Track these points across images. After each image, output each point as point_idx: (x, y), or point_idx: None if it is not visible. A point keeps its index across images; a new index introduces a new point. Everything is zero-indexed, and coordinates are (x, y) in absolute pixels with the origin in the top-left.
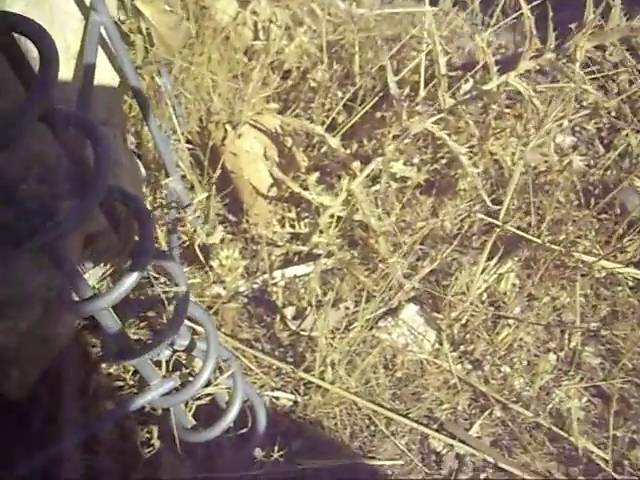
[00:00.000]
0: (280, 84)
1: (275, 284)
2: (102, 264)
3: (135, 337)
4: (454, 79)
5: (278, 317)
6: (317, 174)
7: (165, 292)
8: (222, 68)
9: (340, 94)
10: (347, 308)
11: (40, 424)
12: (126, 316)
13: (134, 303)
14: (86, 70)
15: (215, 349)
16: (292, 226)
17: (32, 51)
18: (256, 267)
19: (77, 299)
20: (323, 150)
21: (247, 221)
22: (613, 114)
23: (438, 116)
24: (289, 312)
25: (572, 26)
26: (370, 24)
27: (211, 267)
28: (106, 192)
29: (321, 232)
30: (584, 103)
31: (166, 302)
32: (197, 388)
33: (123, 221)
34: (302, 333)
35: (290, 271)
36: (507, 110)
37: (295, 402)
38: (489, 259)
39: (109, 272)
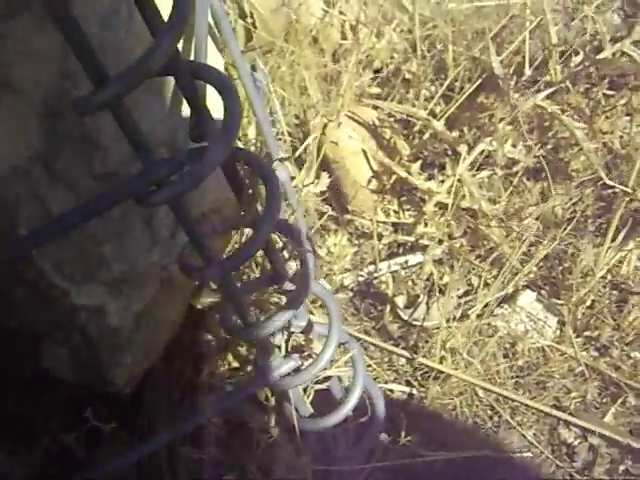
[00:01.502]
0: (373, 79)
1: (382, 275)
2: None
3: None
4: (562, 55)
5: (388, 308)
6: (419, 162)
7: (289, 257)
8: (311, 72)
9: (434, 88)
10: (459, 297)
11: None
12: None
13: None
14: (198, 50)
15: (338, 327)
16: (397, 217)
17: None
18: (360, 259)
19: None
20: (425, 137)
21: (351, 211)
22: None
23: (550, 89)
24: (400, 301)
25: None
26: (460, 18)
27: (318, 255)
28: (232, 149)
29: (426, 224)
30: None
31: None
32: (319, 368)
33: (246, 185)
34: (414, 323)
35: (397, 262)
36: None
37: (410, 395)
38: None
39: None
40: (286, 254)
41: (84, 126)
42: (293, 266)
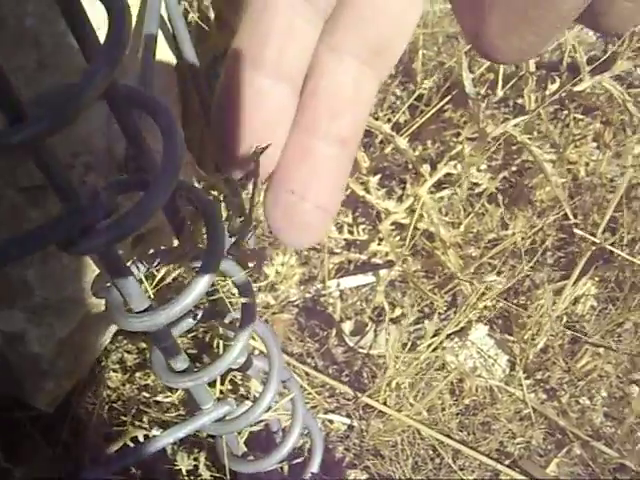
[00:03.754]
0: None
1: (330, 294)
2: (155, 269)
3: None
4: (538, 79)
5: (334, 331)
6: (378, 177)
7: (229, 299)
8: None
9: (399, 92)
10: (410, 325)
11: (67, 437)
12: (180, 327)
13: (189, 313)
14: (146, 48)
15: (279, 371)
16: (350, 232)
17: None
18: (309, 275)
19: (131, 311)
20: (385, 151)
21: None
22: None
23: (523, 118)
24: (347, 327)
25: None
26: (433, 19)
27: (265, 274)
28: (176, 181)
29: (380, 240)
30: None
31: (230, 311)
32: (257, 415)
33: (188, 222)
34: (360, 350)
35: (347, 281)
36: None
37: (351, 427)
38: (565, 278)
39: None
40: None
41: None
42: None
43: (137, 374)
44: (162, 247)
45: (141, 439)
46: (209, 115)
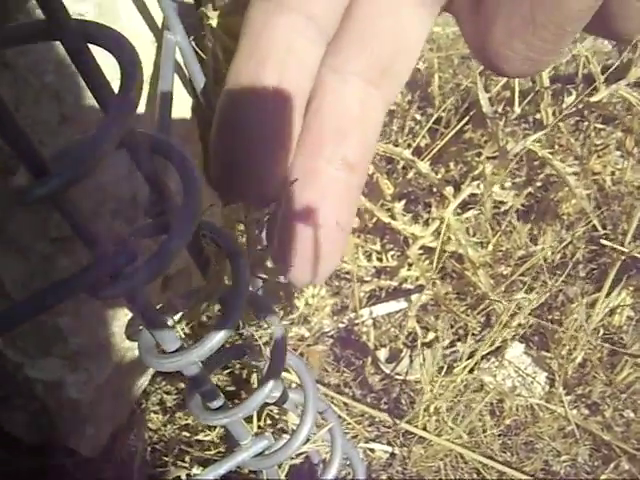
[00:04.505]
0: None
1: (363, 323)
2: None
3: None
4: (553, 92)
5: (369, 359)
6: (403, 202)
7: (260, 336)
8: None
9: (419, 117)
10: (444, 348)
11: None
12: (213, 366)
13: (224, 351)
14: (163, 95)
15: (314, 403)
16: (379, 259)
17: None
18: (341, 305)
19: (162, 352)
20: (408, 176)
21: None
22: None
23: (541, 133)
24: (382, 354)
25: None
26: (446, 43)
27: (296, 307)
28: (196, 227)
29: (410, 265)
30: None
31: (262, 348)
32: (295, 448)
33: (213, 261)
34: (396, 377)
35: (379, 309)
36: (603, 126)
37: (392, 454)
38: (599, 290)
39: (193, 319)
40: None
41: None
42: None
43: (177, 414)
44: (192, 287)
45: (184, 478)
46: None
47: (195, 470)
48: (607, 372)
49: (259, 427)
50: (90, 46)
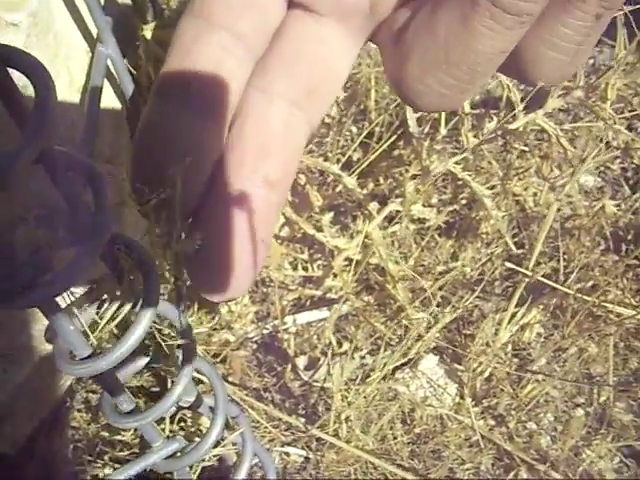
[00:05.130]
0: None
1: (286, 330)
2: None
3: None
4: (476, 117)
5: (289, 366)
6: (331, 214)
7: (168, 344)
8: None
9: (355, 129)
10: (362, 357)
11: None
12: (126, 371)
13: (136, 356)
14: (90, 104)
15: (223, 408)
16: (305, 269)
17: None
18: (266, 311)
19: (74, 359)
20: (338, 189)
21: None
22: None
23: (460, 156)
24: (301, 362)
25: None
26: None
27: (219, 313)
28: (106, 241)
29: (335, 275)
30: (614, 143)
31: (173, 354)
32: (204, 451)
33: (126, 273)
34: (314, 384)
35: (302, 317)
36: (527, 149)
37: (307, 458)
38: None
39: (106, 324)
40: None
41: None
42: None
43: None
44: (104, 296)
45: (101, 477)
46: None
47: (107, 470)
48: (514, 385)
49: (171, 431)
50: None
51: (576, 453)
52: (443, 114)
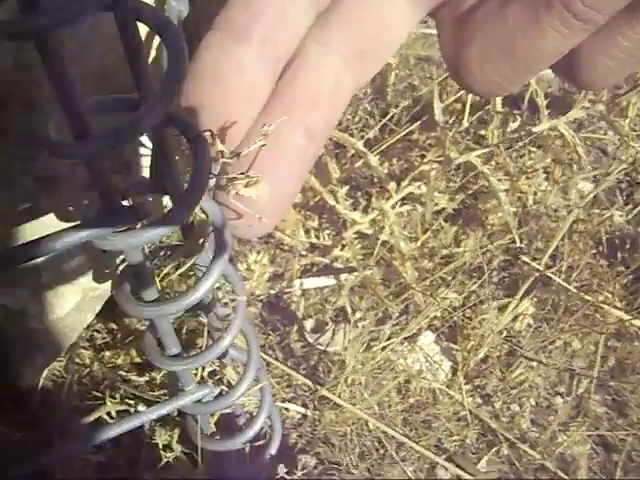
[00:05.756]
0: None
1: (293, 293)
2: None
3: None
4: (501, 114)
5: (295, 327)
6: (347, 188)
7: (225, 300)
8: None
9: (369, 107)
10: (364, 327)
11: (37, 408)
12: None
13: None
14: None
15: (255, 365)
16: (316, 237)
17: None
18: (273, 273)
19: (140, 300)
20: (357, 164)
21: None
22: None
23: (484, 150)
24: (308, 324)
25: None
26: (405, 43)
27: (237, 270)
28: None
29: (343, 246)
30: (622, 157)
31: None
32: (232, 400)
33: (195, 226)
34: (318, 347)
35: (310, 282)
36: (535, 149)
37: (304, 416)
38: (507, 296)
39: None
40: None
41: (30, 124)
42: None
43: (106, 353)
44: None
45: (113, 414)
46: None
47: (140, 407)
48: (503, 369)
49: (202, 377)
50: None
51: (552, 437)
52: (468, 106)
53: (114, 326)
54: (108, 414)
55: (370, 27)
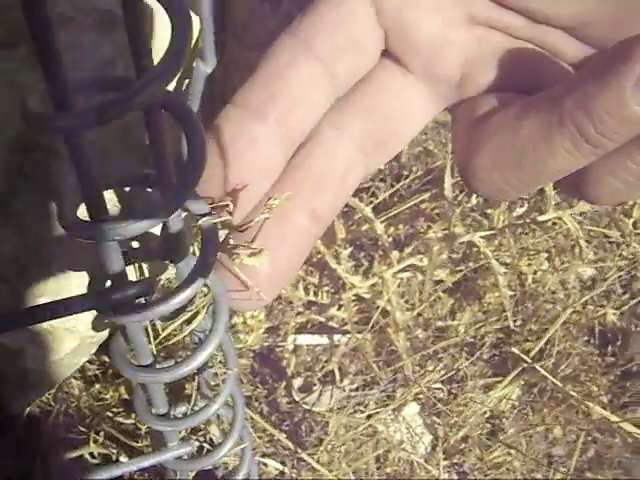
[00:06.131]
0: None
1: (285, 347)
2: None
3: None
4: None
5: (283, 383)
6: (351, 249)
7: (216, 371)
8: None
9: (382, 167)
10: (352, 390)
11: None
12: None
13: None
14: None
15: (239, 428)
16: (315, 294)
17: None
18: (271, 327)
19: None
20: (363, 228)
21: None
22: None
23: (489, 232)
24: (297, 383)
25: None
26: None
27: (233, 324)
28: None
29: (340, 306)
30: (624, 253)
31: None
32: (214, 460)
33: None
34: (303, 405)
35: (303, 339)
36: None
37: (282, 472)
38: (496, 375)
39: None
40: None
41: (48, 169)
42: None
43: (96, 386)
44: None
45: (95, 454)
46: None
47: (123, 457)
48: (483, 449)
49: (186, 432)
50: None
51: None
52: None
53: (106, 359)
54: (90, 454)
55: (387, 118)
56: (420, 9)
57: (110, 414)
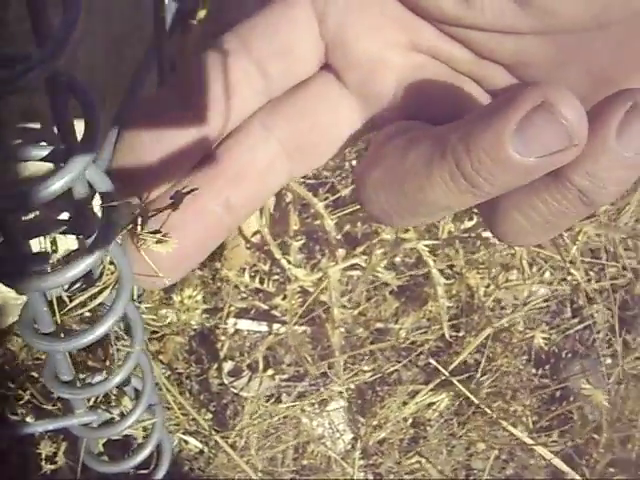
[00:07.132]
0: None
1: (225, 331)
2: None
3: None
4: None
5: (215, 365)
6: (302, 241)
7: (118, 347)
8: None
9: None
10: (282, 380)
11: None
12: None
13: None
14: None
15: (147, 400)
16: (262, 281)
17: None
18: (214, 305)
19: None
20: (317, 222)
21: (221, 261)
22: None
23: (430, 242)
24: (227, 366)
25: None
26: None
27: (171, 299)
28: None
29: (285, 297)
30: (569, 278)
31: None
32: (118, 431)
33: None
34: (231, 389)
35: (243, 324)
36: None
37: (201, 451)
38: (427, 382)
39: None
40: None
41: None
42: None
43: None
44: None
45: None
46: None
47: (28, 419)
48: (401, 453)
49: (95, 401)
50: None
51: None
52: None
53: None
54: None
55: (316, 127)
56: (362, 27)
57: (36, 374)
